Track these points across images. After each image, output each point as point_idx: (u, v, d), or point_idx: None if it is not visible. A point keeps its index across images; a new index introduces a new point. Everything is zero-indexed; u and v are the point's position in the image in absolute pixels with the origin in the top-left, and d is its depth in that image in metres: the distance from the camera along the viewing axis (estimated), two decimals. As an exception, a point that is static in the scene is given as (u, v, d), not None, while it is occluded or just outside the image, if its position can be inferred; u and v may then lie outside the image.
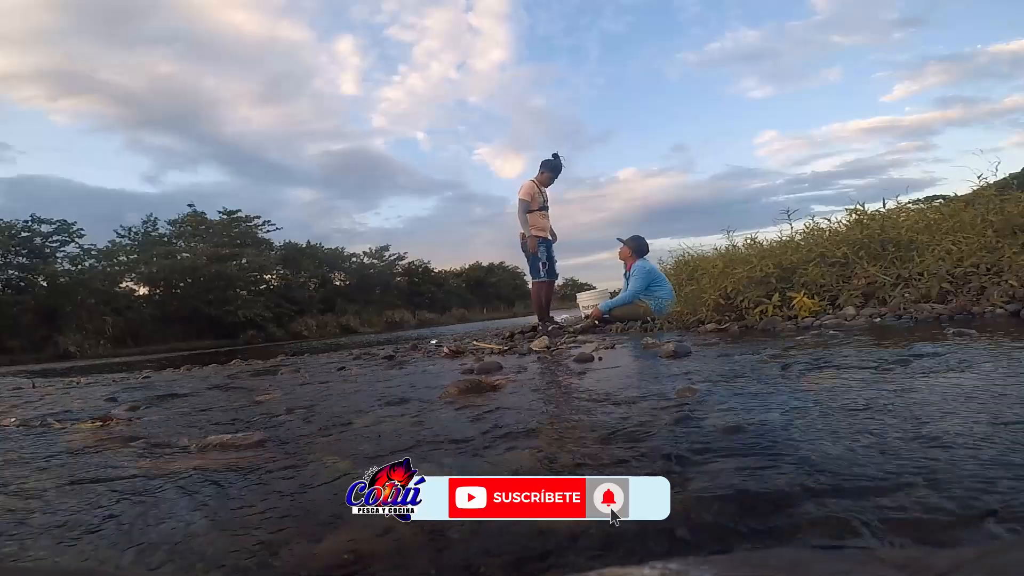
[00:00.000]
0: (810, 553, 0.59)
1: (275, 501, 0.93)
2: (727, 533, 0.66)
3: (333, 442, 1.33)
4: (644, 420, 1.25)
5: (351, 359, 4.46)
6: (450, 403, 1.74)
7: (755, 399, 1.38)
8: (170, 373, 5.00)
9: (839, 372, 1.64)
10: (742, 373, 1.78)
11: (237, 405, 2.21)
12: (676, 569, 0.45)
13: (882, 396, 1.27)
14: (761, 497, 0.75)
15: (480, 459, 1.07)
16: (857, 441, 0.96)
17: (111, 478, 1.15)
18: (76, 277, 28.07)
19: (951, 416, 1.06)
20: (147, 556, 0.75)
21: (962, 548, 0.58)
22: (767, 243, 5.05)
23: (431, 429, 1.38)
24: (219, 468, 1.16)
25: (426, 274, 46.41)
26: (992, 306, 2.93)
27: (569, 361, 2.65)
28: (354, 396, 2.21)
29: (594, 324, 4.88)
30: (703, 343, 2.89)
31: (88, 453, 1.42)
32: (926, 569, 0.44)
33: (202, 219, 36.32)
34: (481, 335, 5.97)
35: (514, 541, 0.69)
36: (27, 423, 2.02)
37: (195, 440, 1.44)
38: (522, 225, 5.32)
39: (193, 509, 0.92)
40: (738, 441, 1.03)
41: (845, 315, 3.33)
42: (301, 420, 1.68)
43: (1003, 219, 3.47)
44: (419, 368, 3.12)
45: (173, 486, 1.06)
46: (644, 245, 5.20)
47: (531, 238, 5.27)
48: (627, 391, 1.65)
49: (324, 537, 0.75)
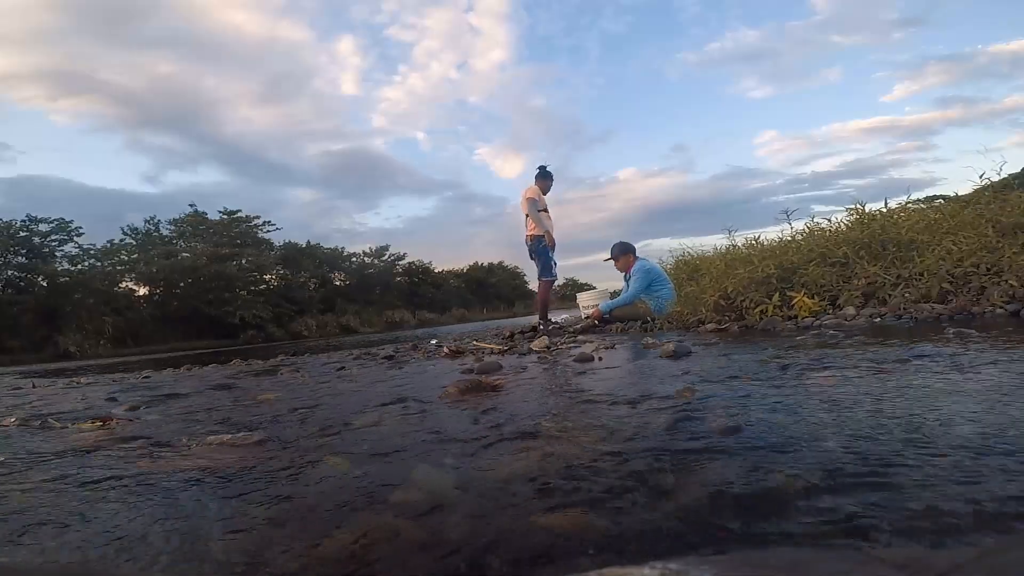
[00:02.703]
0: (810, 553, 0.59)
1: (275, 501, 0.93)
2: (727, 533, 0.66)
3: (333, 442, 1.33)
4: (644, 420, 1.25)
5: (351, 359, 4.46)
6: (450, 403, 1.74)
7: (755, 399, 1.38)
8: (170, 373, 4.99)
9: (839, 372, 1.63)
10: (742, 373, 1.78)
11: (237, 405, 2.21)
12: (676, 569, 0.45)
13: (882, 396, 1.27)
14: (761, 497, 0.75)
15: (480, 459, 1.07)
16: (857, 441, 0.96)
17: (111, 478, 1.14)
18: (76, 277, 28.07)
19: (951, 416, 1.06)
20: (147, 556, 0.75)
21: (962, 548, 0.58)
22: (767, 243, 5.05)
23: (431, 429, 1.38)
24: (219, 468, 1.16)
25: (426, 274, 46.40)
26: (992, 306, 2.93)
27: (569, 361, 2.65)
28: (354, 396, 2.21)
29: (594, 324, 4.88)
30: (703, 343, 2.89)
31: (88, 453, 1.42)
32: (926, 569, 0.44)
33: (202, 219, 36.33)
34: (481, 335, 5.96)
35: (514, 541, 0.68)
36: (27, 423, 2.02)
37: (195, 440, 1.44)
38: (536, 223, 5.35)
39: (193, 509, 0.92)
40: (738, 441, 1.03)
41: (845, 315, 3.33)
42: (301, 420, 1.68)
43: (1009, 217, 3.46)
44: (419, 368, 3.12)
45: (173, 486, 1.06)
46: (629, 244, 5.25)
47: (549, 236, 5.32)
48: (627, 391, 1.65)
49: (324, 537, 0.75)
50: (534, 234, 5.42)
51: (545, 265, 5.46)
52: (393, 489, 0.92)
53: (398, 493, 0.90)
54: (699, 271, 5.37)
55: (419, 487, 0.92)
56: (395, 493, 0.90)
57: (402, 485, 0.94)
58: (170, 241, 35.40)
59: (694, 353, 2.45)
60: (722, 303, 4.01)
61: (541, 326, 5.19)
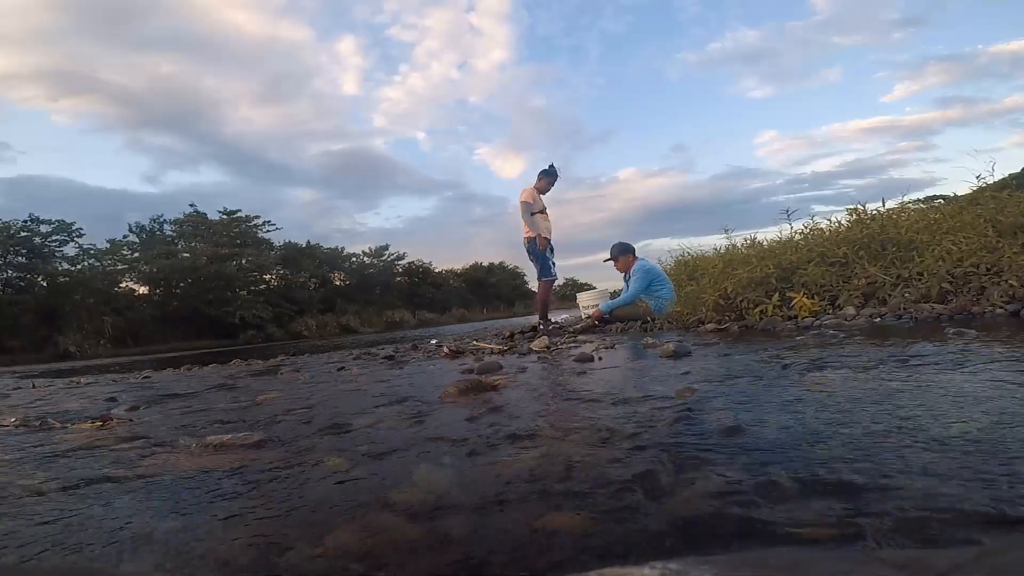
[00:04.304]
0: (810, 553, 0.59)
1: (275, 501, 0.93)
2: (727, 533, 0.66)
3: (333, 442, 1.33)
4: (644, 420, 1.25)
5: (351, 359, 4.46)
6: (450, 403, 1.74)
7: (755, 399, 1.38)
8: (170, 373, 4.99)
9: (839, 372, 1.64)
10: (742, 373, 1.78)
11: (237, 405, 2.21)
12: (676, 569, 0.45)
13: (882, 396, 1.27)
14: (761, 497, 0.75)
15: (480, 459, 1.07)
16: (858, 441, 0.96)
17: (111, 478, 1.14)
18: (76, 277, 28.07)
19: (951, 416, 1.06)
20: (147, 556, 0.75)
21: (962, 548, 0.58)
22: (767, 243, 5.05)
23: (431, 429, 1.38)
24: (219, 468, 1.16)
25: (426, 274, 46.39)
26: (992, 306, 2.92)
27: (569, 361, 2.65)
28: (354, 396, 2.21)
29: (594, 324, 4.88)
30: (703, 343, 2.89)
31: (88, 453, 1.42)
32: (926, 569, 0.44)
33: (202, 219, 36.32)
34: (481, 335, 5.96)
35: (515, 541, 0.69)
36: (27, 423, 2.02)
37: (195, 440, 1.43)
38: (529, 226, 5.43)
39: (193, 509, 0.92)
40: (737, 441, 1.03)
41: (845, 315, 3.33)
42: (301, 420, 1.68)
43: (1008, 217, 3.46)
44: (419, 368, 3.12)
45: (173, 486, 1.06)
46: (629, 245, 5.26)
47: (542, 238, 5.37)
48: (627, 391, 1.65)
49: (324, 537, 0.75)
50: (529, 236, 5.48)
51: (544, 266, 5.51)
52: (393, 489, 0.92)
53: (398, 493, 0.90)
54: (699, 271, 5.37)
55: (419, 487, 0.92)
56: (395, 493, 0.90)
57: (402, 485, 0.94)
58: (171, 241, 35.39)
59: (694, 353, 2.45)
60: (722, 303, 4.01)
61: (541, 326, 5.20)
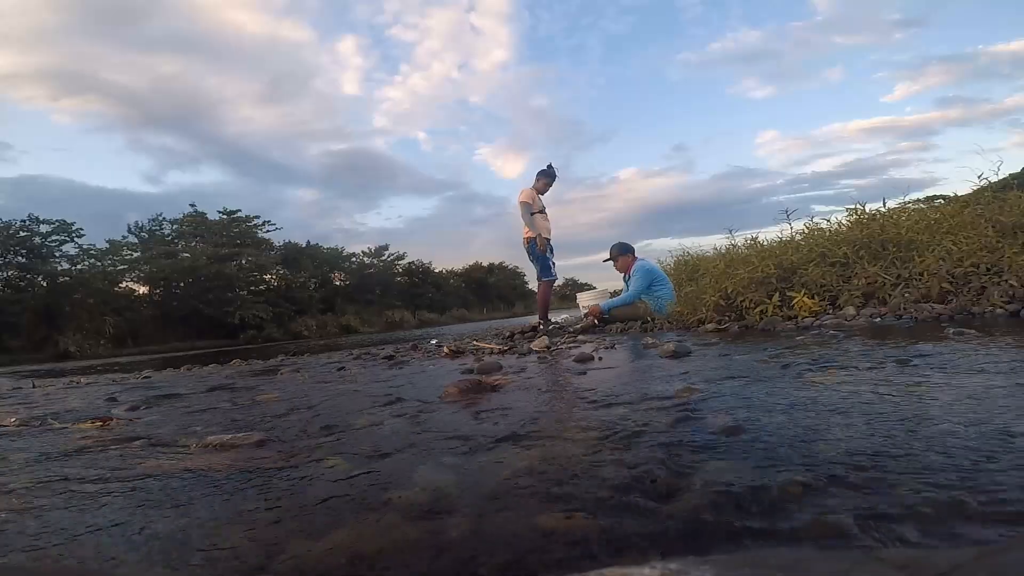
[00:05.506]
0: (810, 553, 0.59)
1: (274, 501, 0.93)
2: (727, 533, 0.66)
3: (333, 442, 1.33)
4: (644, 420, 1.25)
5: (351, 359, 4.46)
6: (450, 403, 1.74)
7: (755, 399, 1.38)
8: (170, 373, 5.00)
9: (839, 372, 1.63)
10: (742, 373, 1.78)
11: (237, 405, 2.21)
12: (676, 569, 0.45)
13: (882, 396, 1.27)
14: (761, 497, 0.75)
15: (480, 459, 1.07)
16: (858, 441, 0.96)
17: (111, 478, 1.14)
18: (76, 277, 28.08)
19: (952, 416, 1.06)
20: (146, 555, 0.75)
21: (962, 548, 0.58)
22: (767, 243, 5.05)
23: (431, 429, 1.38)
24: (219, 468, 1.16)
25: (426, 274, 46.41)
26: (992, 306, 2.92)
27: (569, 361, 2.65)
28: (354, 396, 2.21)
29: (594, 324, 4.88)
30: (703, 343, 2.89)
31: (88, 453, 1.42)
32: (926, 569, 0.44)
33: (202, 219, 36.31)
34: (481, 335, 5.96)
35: (515, 541, 0.68)
36: (27, 423, 2.02)
37: (195, 440, 1.43)
38: (529, 226, 5.46)
39: (192, 509, 0.92)
40: (738, 441, 1.03)
41: (845, 315, 3.33)
42: (301, 420, 1.68)
43: (1008, 217, 3.45)
44: (419, 368, 3.12)
45: (173, 486, 1.06)
46: (628, 245, 5.27)
47: (541, 238, 5.39)
48: (627, 391, 1.65)
49: (323, 537, 0.75)
50: (529, 236, 5.50)
51: (544, 266, 5.53)
52: (393, 489, 0.92)
53: (398, 493, 0.90)
54: (699, 271, 5.37)
55: (419, 487, 0.92)
56: (395, 493, 0.90)
57: (402, 485, 0.94)
58: (171, 241, 35.39)
59: (694, 353, 2.45)
60: (722, 303, 4.01)
61: (541, 326, 5.20)
